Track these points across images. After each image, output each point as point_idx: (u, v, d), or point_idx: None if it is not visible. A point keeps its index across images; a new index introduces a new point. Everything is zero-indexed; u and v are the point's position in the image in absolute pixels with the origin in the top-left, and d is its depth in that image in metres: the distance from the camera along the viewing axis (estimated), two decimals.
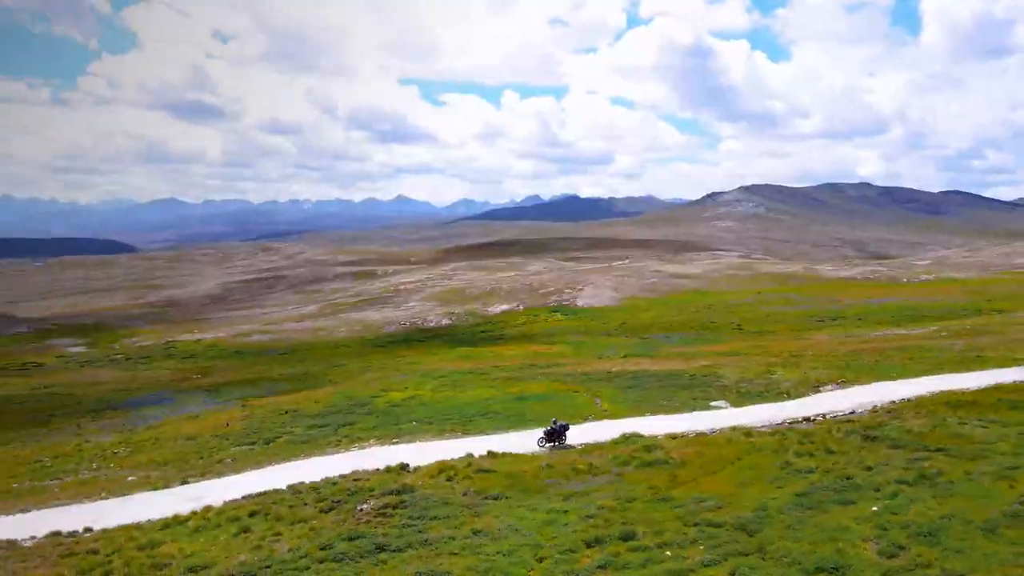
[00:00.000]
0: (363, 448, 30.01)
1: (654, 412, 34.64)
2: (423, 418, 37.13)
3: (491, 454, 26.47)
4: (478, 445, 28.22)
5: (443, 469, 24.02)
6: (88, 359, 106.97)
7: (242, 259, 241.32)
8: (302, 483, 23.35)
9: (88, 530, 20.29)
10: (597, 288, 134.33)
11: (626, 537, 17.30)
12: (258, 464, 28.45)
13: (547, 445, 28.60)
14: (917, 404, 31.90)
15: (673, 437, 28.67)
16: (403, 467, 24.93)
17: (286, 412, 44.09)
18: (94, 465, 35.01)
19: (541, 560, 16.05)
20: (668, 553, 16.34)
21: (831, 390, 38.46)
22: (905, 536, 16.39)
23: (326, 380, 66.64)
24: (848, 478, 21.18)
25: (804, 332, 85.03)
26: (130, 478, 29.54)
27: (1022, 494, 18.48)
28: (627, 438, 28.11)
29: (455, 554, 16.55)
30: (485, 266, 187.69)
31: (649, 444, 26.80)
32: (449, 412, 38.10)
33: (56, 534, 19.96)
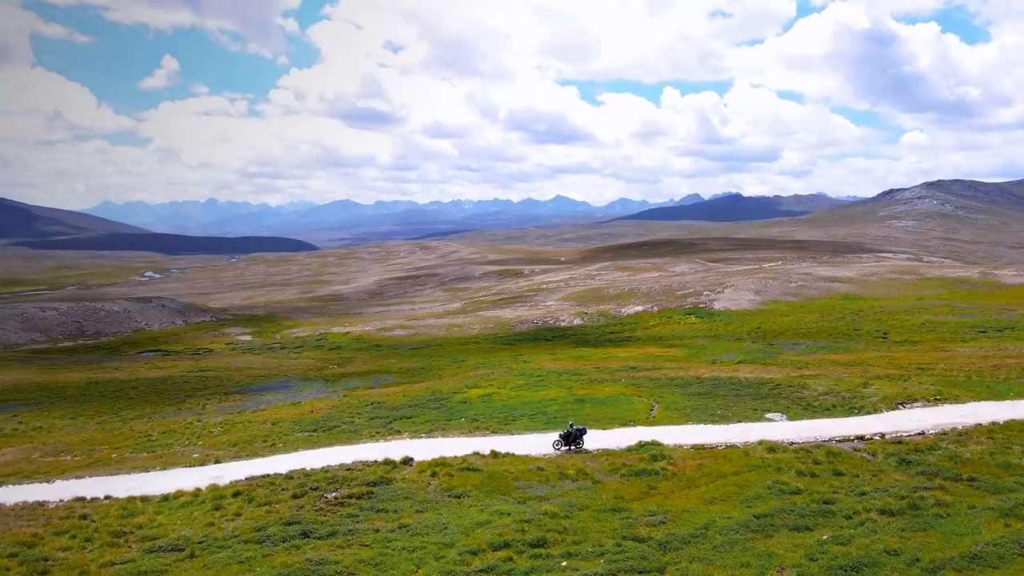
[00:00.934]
0: (392, 440, 31.21)
1: (701, 421, 33.07)
2: (475, 415, 37.82)
3: (493, 453, 26.63)
4: (494, 443, 28.46)
5: (436, 465, 24.56)
6: (250, 347, 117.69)
7: (402, 257, 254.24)
8: (302, 469, 24.85)
9: (108, 497, 22.93)
10: (738, 291, 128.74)
11: (537, 544, 16.94)
12: (295, 449, 30.48)
13: (563, 448, 28.29)
14: (998, 428, 28.18)
15: (696, 448, 27.33)
16: (406, 461, 25.75)
17: (370, 404, 46.44)
18: (185, 441, 38.95)
19: (439, 559, 16.17)
20: (564, 564, 15.85)
21: (916, 408, 34.73)
22: (823, 570, 14.79)
23: (434, 374, 69.16)
24: (828, 502, 19.33)
25: (953, 343, 76.83)
26: (195, 455, 32.68)
27: (1001, 537, 16.00)
28: (642, 445, 27.17)
29: (365, 545, 17.07)
30: (630, 266, 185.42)
31: (658, 453, 25.78)
32: (502, 411, 38.51)
33: (80, 499, 22.76)
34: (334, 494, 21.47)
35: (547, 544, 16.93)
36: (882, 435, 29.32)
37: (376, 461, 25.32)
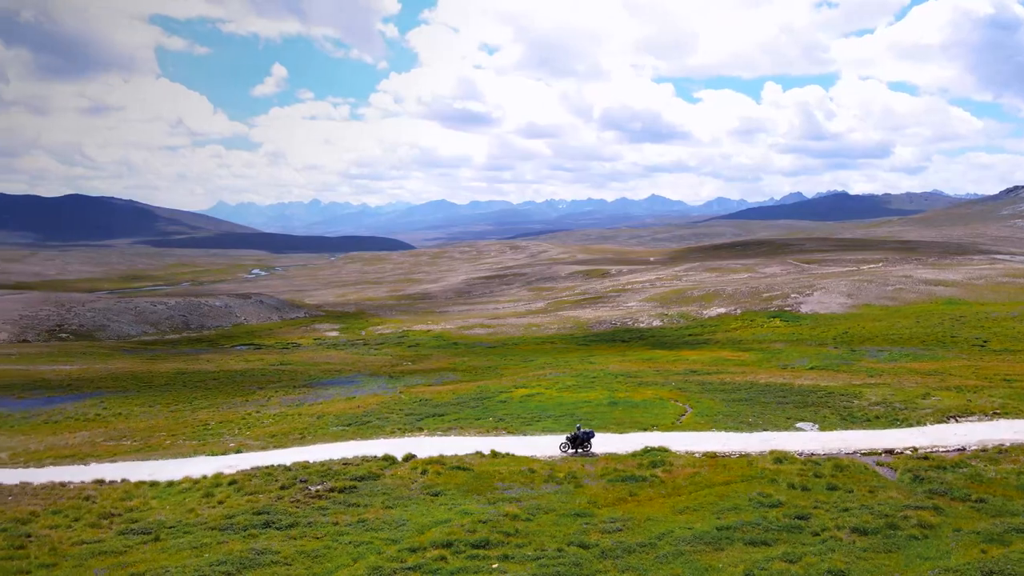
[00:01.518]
0: (408, 437, 31.84)
1: (727, 428, 31.98)
2: (504, 415, 37.99)
3: (493, 453, 26.74)
4: (503, 443, 28.60)
5: (430, 463, 24.91)
6: (335, 343, 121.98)
7: (492, 256, 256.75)
8: (305, 462, 25.75)
9: (124, 481, 24.56)
10: (828, 293, 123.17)
11: (479, 545, 16.93)
12: (317, 442, 31.60)
13: (569, 451, 28.07)
14: None
15: (707, 455, 26.53)
16: (408, 457, 26.24)
17: (417, 401, 47.41)
18: (235, 431, 41.01)
19: (379, 554, 16.44)
20: (496, 566, 15.76)
21: (968, 422, 32.27)
22: None
23: (496, 373, 69.75)
24: (802, 517, 18.37)
25: None
26: (231, 444, 34.42)
27: (967, 564, 14.70)
28: (647, 451, 26.62)
29: (317, 538, 17.57)
30: (719, 267, 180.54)
31: (658, 460, 25.18)
32: (533, 411, 38.51)
33: (99, 481, 24.51)
34: (318, 487, 22.20)
35: (489, 545, 16.93)
36: (914, 449, 27.49)
37: (376, 456, 25.95)
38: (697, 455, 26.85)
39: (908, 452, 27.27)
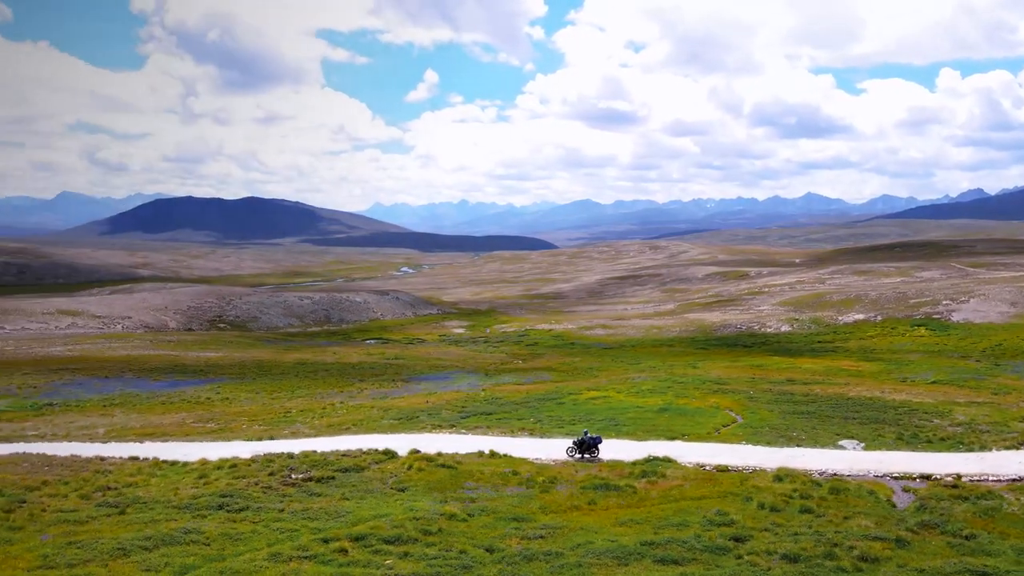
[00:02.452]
0: (432, 433, 32.74)
1: (760, 442, 30.11)
2: (550, 416, 37.88)
3: (492, 453, 26.94)
4: (512, 444, 28.75)
5: (422, 459, 25.49)
6: (458, 339, 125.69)
7: (630, 256, 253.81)
8: (311, 451, 27.12)
9: (154, 459, 27.06)
10: (987, 301, 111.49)
11: (391, 541, 17.13)
12: (352, 433, 33.22)
13: (576, 456, 27.68)
14: None
15: (719, 468, 25.27)
16: (412, 452, 27.02)
17: (485, 399, 48.25)
18: (307, 419, 43.71)
19: (293, 541, 17.13)
20: (388, 562, 15.95)
21: None
22: None
23: (589, 374, 69.31)
24: (740, 539, 17.14)
25: None
26: (285, 431, 36.88)
27: None
28: (648, 460, 25.75)
29: (252, 522, 18.57)
30: (869, 270, 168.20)
31: (651, 470, 24.31)
32: (578, 414, 38.11)
33: (133, 458, 27.17)
34: (300, 476, 23.43)
35: (399, 542, 17.19)
36: (957, 476, 24.62)
37: (378, 450, 26.90)
38: (706, 468, 25.58)
39: (948, 478, 24.47)
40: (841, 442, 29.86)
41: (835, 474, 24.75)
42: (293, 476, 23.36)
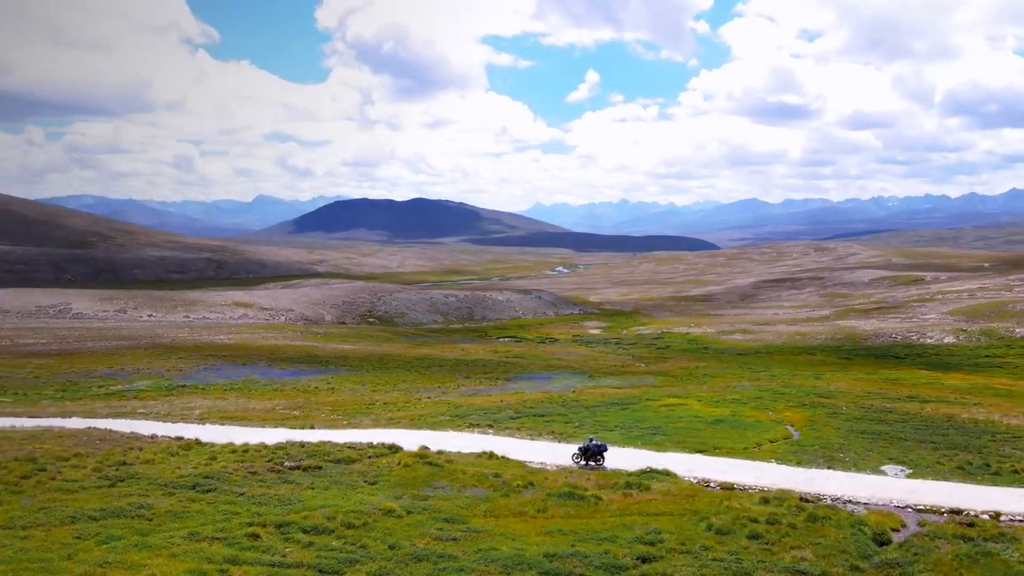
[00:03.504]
0: (454, 431, 33.36)
1: (795, 462, 27.78)
2: (599, 421, 37.21)
3: (491, 455, 27.00)
4: (525, 448, 28.73)
5: (415, 456, 26.26)
6: (589, 340, 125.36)
7: (792, 258, 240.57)
8: (327, 441, 28.56)
9: (195, 440, 29.62)
10: None
11: (308, 530, 17.76)
12: (391, 426, 34.48)
13: (581, 462, 27.11)
14: None
15: (724, 485, 23.84)
16: (420, 448, 27.77)
17: (564, 402, 48.08)
18: (382, 411, 45.83)
19: (225, 523, 18.20)
20: (289, 549, 16.56)
21: None
22: None
23: (696, 380, 66.86)
24: (645, 559, 16.07)
25: None
26: (345, 423, 38.97)
27: None
28: (642, 472, 24.76)
29: (208, 503, 19.92)
30: None
31: (635, 482, 23.43)
32: (627, 423, 37.03)
33: (178, 438, 29.92)
34: (290, 464, 24.82)
35: (315, 532, 17.76)
36: (995, 514, 21.50)
37: (384, 444, 27.87)
38: (711, 485, 24.17)
39: (984, 516, 21.42)
40: (884, 467, 26.90)
41: (848, 501, 22.48)
42: (285, 464, 24.85)
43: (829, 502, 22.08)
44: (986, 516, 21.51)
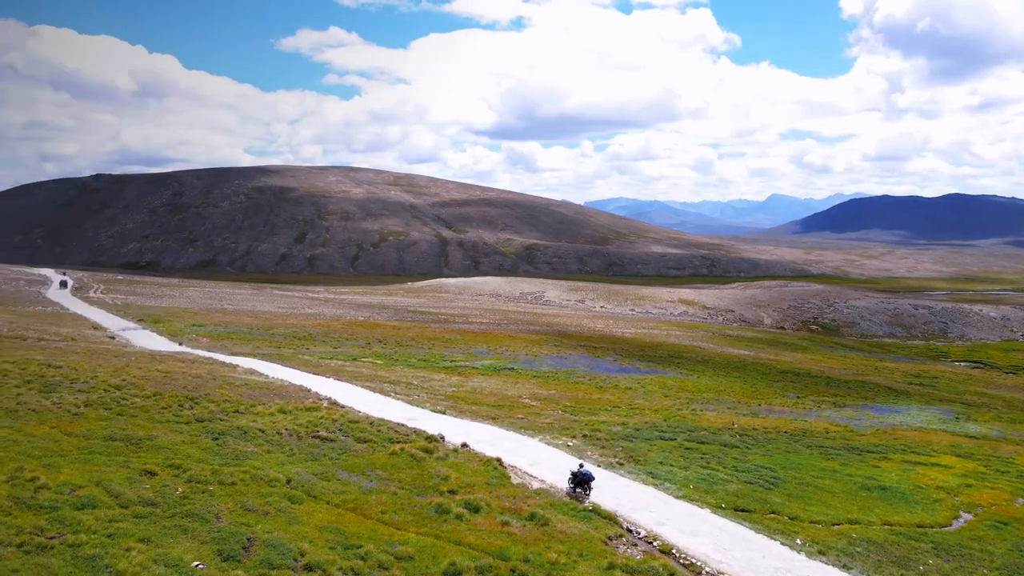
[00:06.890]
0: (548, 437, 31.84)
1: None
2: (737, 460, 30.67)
3: (499, 461, 25.90)
4: (555, 462, 26.94)
5: (420, 448, 27.24)
6: None
7: None
8: (382, 419, 31.54)
9: (332, 402, 34.71)
10: None
11: (189, 481, 21.11)
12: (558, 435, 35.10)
13: (572, 488, 24.49)
14: None
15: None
16: (462, 442, 28.17)
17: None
18: (611, 414, 44.96)
19: (169, 458, 22.27)
20: (180, 490, 19.88)
21: None
22: None
23: None
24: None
25: None
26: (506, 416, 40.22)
27: None
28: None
29: (188, 443, 24.17)
30: None
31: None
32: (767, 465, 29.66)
33: (301, 387, 35.60)
34: (321, 432, 27.89)
35: (191, 481, 20.90)
36: None
37: (423, 433, 29.73)
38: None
39: None
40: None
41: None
42: (318, 431, 28.17)
43: None
44: None
